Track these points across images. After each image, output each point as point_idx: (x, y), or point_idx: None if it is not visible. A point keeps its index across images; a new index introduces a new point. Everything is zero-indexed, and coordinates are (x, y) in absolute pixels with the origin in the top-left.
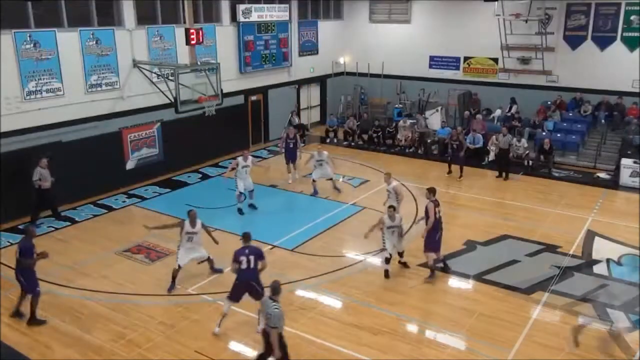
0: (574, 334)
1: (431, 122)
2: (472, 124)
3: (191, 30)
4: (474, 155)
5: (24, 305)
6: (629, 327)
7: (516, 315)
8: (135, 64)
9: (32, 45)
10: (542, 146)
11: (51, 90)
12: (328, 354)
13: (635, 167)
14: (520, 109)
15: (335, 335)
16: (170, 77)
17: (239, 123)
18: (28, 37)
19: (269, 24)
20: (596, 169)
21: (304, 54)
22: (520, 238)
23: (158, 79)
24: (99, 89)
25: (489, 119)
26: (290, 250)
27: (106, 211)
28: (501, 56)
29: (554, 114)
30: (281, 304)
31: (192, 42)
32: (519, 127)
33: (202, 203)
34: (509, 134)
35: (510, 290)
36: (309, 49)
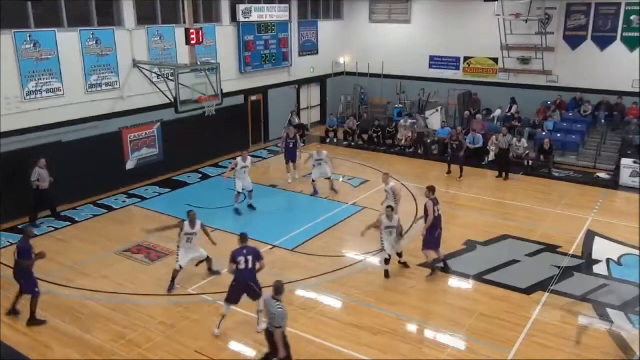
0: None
1: (431, 122)
2: (472, 124)
3: (191, 30)
4: (474, 155)
5: (20, 303)
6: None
7: (516, 315)
8: (135, 64)
9: (32, 45)
10: (542, 146)
11: (51, 90)
12: (328, 354)
13: (635, 167)
14: (520, 109)
15: (335, 335)
16: (170, 77)
17: (239, 123)
18: (28, 37)
19: (269, 24)
20: (596, 169)
21: (304, 54)
22: (520, 238)
23: (158, 79)
24: (99, 89)
25: (489, 119)
26: (290, 250)
27: (106, 211)
28: (501, 56)
29: (554, 114)
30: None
31: (192, 42)
32: (519, 127)
33: (202, 203)
34: (509, 134)
35: (510, 290)
36: (309, 49)
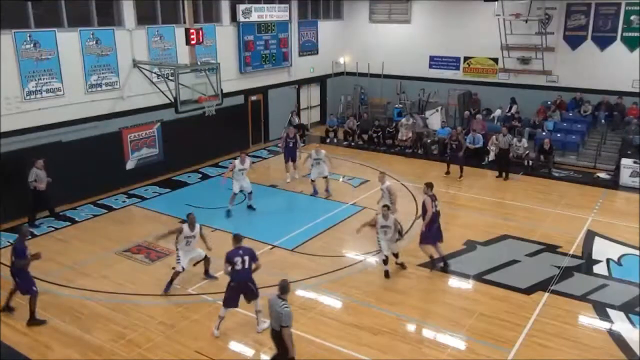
0: None
1: (431, 122)
2: (472, 124)
3: (191, 30)
4: (474, 155)
5: (14, 300)
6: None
7: (516, 315)
8: (135, 64)
9: (32, 45)
10: (542, 146)
11: (51, 90)
12: (328, 354)
13: (635, 167)
14: (520, 109)
15: (335, 335)
16: (170, 77)
17: (239, 123)
18: (28, 37)
19: (269, 24)
20: (596, 169)
21: (304, 54)
22: (520, 238)
23: (158, 79)
24: (99, 89)
25: (489, 119)
26: (290, 250)
27: (106, 211)
28: (501, 56)
29: (554, 114)
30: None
31: (192, 42)
32: (519, 127)
33: (202, 203)
34: (509, 134)
35: (510, 290)
36: (309, 49)
